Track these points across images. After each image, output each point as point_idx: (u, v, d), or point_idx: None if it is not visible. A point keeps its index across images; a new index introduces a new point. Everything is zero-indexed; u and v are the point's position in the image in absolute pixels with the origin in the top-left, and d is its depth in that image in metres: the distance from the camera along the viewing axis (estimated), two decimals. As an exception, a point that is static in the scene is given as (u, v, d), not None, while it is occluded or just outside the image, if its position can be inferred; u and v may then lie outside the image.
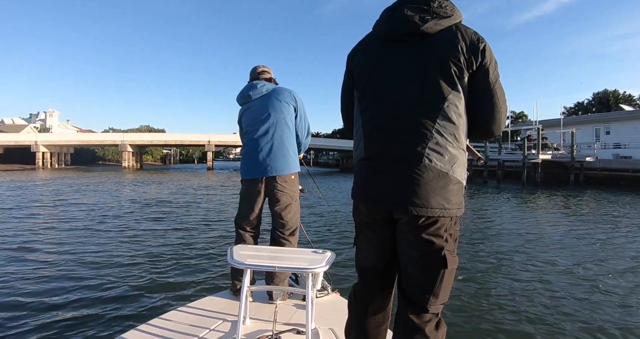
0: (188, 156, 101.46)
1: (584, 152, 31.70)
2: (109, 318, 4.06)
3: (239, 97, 2.95)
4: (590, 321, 4.29)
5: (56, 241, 7.70)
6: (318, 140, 61.57)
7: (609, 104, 53.97)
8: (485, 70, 1.39)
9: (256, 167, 2.75)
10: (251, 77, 2.98)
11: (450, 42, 1.38)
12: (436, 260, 1.41)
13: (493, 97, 1.42)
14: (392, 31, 1.48)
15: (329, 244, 7.86)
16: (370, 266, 1.63)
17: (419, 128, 1.40)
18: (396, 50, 1.47)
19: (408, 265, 1.48)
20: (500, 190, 22.61)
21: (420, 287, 1.46)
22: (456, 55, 1.36)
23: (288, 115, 2.83)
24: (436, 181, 1.38)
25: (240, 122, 2.97)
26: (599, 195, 20.03)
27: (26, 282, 5.13)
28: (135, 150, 57.40)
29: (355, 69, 1.61)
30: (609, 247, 8.01)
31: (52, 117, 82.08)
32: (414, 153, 1.39)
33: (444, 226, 1.41)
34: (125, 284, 5.09)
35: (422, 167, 1.38)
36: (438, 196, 1.38)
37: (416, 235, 1.42)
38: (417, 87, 1.41)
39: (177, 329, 2.27)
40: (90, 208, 12.78)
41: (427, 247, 1.41)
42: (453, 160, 1.41)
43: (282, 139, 2.79)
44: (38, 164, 51.32)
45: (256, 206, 2.80)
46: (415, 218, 1.40)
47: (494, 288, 5.37)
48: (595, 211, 13.66)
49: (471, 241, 8.40)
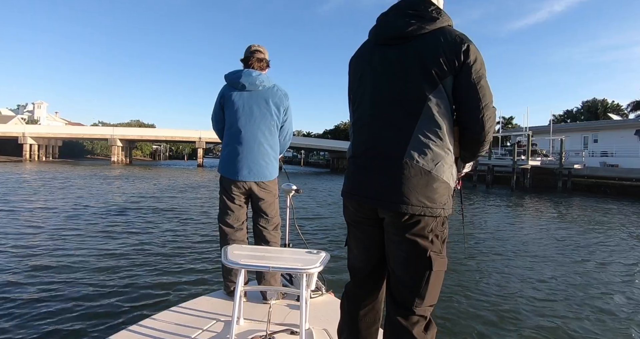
0: (178, 152, 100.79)
1: (572, 159, 32.05)
2: (100, 318, 4.01)
3: (232, 79, 2.79)
4: (574, 327, 4.35)
5: (43, 240, 7.52)
6: (309, 140, 61.53)
7: (597, 113, 54.78)
8: (467, 70, 1.40)
9: (239, 169, 2.71)
10: (245, 55, 2.86)
11: (432, 43, 1.41)
12: (421, 261, 1.42)
13: (476, 96, 1.41)
14: (381, 35, 1.56)
15: (324, 245, 7.85)
16: (361, 266, 1.66)
17: (401, 126, 1.44)
18: (383, 53, 1.53)
19: (394, 265, 1.49)
20: (489, 195, 22.88)
21: (406, 288, 1.46)
22: (436, 55, 1.39)
23: (276, 119, 2.80)
24: (417, 178, 1.40)
25: (222, 103, 2.84)
26: (586, 202, 20.27)
27: (15, 281, 5.03)
28: (125, 145, 56.92)
29: (350, 73, 1.71)
30: (598, 254, 8.14)
31: (41, 109, 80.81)
32: (396, 150, 1.43)
33: (428, 226, 1.42)
34: (118, 284, 5.01)
35: (404, 164, 1.41)
36: (419, 194, 1.39)
37: (400, 235, 1.44)
38: (399, 87, 1.46)
39: (170, 329, 2.26)
40: (79, 205, 12.60)
41: (411, 247, 1.43)
42: (437, 159, 1.42)
43: (267, 143, 2.76)
44: (25, 156, 50.66)
45: (239, 202, 2.79)
46: (398, 217, 1.42)
47: (484, 290, 5.41)
48: (585, 218, 13.84)
49: (459, 244, 8.46)
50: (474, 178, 31.01)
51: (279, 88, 2.84)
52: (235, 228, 2.80)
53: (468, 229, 10.75)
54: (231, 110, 2.76)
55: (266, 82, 2.78)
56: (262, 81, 2.76)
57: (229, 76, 2.81)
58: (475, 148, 1.52)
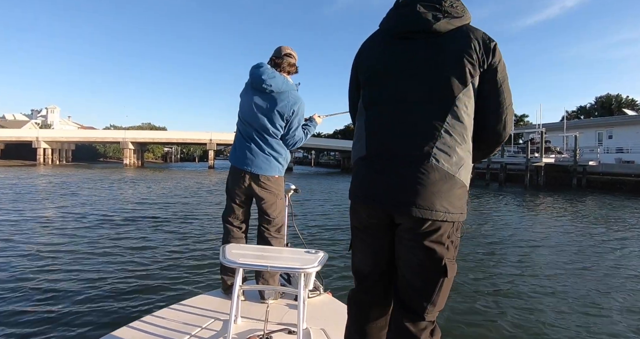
0: (189, 154, 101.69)
1: (586, 156, 31.59)
2: (100, 315, 4.07)
3: (254, 77, 2.74)
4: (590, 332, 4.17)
5: (47, 238, 7.65)
6: (319, 140, 61.70)
7: (611, 108, 53.91)
8: (494, 69, 1.36)
9: (243, 159, 2.74)
10: (273, 55, 2.84)
11: (464, 40, 1.35)
12: (437, 269, 1.37)
13: (500, 96, 1.38)
14: (402, 27, 1.43)
15: (322, 244, 7.82)
16: (369, 271, 1.57)
17: (427, 126, 1.35)
18: (404, 47, 1.42)
19: (406, 272, 1.43)
20: (503, 193, 22.59)
21: (418, 295, 1.41)
22: (470, 53, 1.33)
23: (278, 125, 2.75)
24: (442, 183, 1.32)
25: (240, 98, 2.87)
26: (602, 199, 19.94)
27: (17, 278, 5.12)
28: (137, 148, 57.39)
29: (361, 67, 1.57)
30: (619, 254, 7.89)
31: (54, 113, 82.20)
32: (421, 152, 1.34)
33: (446, 232, 1.35)
34: (118, 281, 5.07)
35: (429, 166, 1.32)
36: (443, 199, 1.32)
37: (418, 242, 1.36)
38: (427, 85, 1.37)
39: (168, 326, 2.27)
40: (85, 205, 12.76)
41: (428, 255, 1.36)
42: (460, 162, 1.36)
43: (268, 145, 2.75)
44: (39, 160, 51.45)
45: (242, 202, 2.82)
46: (417, 224, 1.34)
47: (496, 289, 5.28)
48: (603, 217, 13.52)
49: (473, 244, 8.31)
50: (487, 177, 30.75)
51: (291, 91, 2.78)
52: (235, 227, 2.83)
53: (482, 229, 10.59)
54: (244, 106, 2.79)
55: (281, 86, 2.72)
56: (276, 83, 2.70)
57: (251, 70, 2.79)
58: (491, 149, 1.51)
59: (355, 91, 1.65)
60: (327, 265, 4.27)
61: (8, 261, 5.91)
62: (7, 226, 8.77)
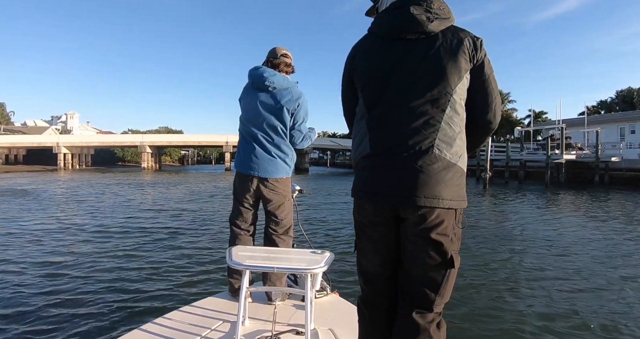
0: (205, 157, 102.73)
1: (608, 151, 30.82)
2: (112, 317, 4.09)
3: (255, 77, 2.79)
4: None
5: (57, 241, 7.73)
6: (334, 140, 61.51)
7: (633, 103, 52.57)
8: (482, 63, 1.49)
9: (248, 164, 2.76)
10: (270, 56, 2.86)
11: (457, 38, 1.46)
12: (443, 261, 1.43)
13: (488, 87, 1.51)
14: (399, 28, 1.50)
15: (328, 245, 7.78)
16: (378, 270, 1.58)
17: (429, 120, 1.42)
18: (402, 47, 1.49)
19: (413, 266, 1.46)
20: (523, 191, 22.06)
21: (426, 288, 1.45)
22: (464, 49, 1.44)
23: (285, 121, 2.77)
24: (445, 172, 1.40)
25: (240, 101, 2.93)
26: (626, 196, 19.38)
27: (29, 280, 5.19)
28: (154, 151, 58.15)
29: (357, 71, 1.61)
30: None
31: (73, 119, 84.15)
32: (424, 144, 1.41)
33: (450, 225, 1.42)
34: (129, 285, 5.11)
35: (433, 157, 1.40)
36: (447, 187, 1.39)
37: (424, 236, 1.41)
38: (427, 81, 1.44)
39: (179, 328, 2.32)
40: (96, 208, 12.95)
41: (434, 248, 1.42)
42: (459, 152, 1.45)
43: (274, 145, 2.77)
44: (60, 165, 52.55)
45: (250, 204, 2.83)
46: (422, 217, 1.39)
47: (517, 290, 5.12)
48: (631, 215, 13.06)
49: (493, 244, 8.11)
50: (506, 175, 30.25)
51: (293, 87, 2.82)
52: (242, 229, 2.85)
53: (502, 228, 10.37)
54: (245, 108, 2.84)
55: (282, 83, 2.78)
56: (276, 81, 2.75)
57: (253, 75, 2.82)
58: (482, 138, 1.62)
59: (352, 94, 1.69)
60: (334, 265, 4.18)
61: (30, 262, 6.05)
62: (38, 231, 8.91)
